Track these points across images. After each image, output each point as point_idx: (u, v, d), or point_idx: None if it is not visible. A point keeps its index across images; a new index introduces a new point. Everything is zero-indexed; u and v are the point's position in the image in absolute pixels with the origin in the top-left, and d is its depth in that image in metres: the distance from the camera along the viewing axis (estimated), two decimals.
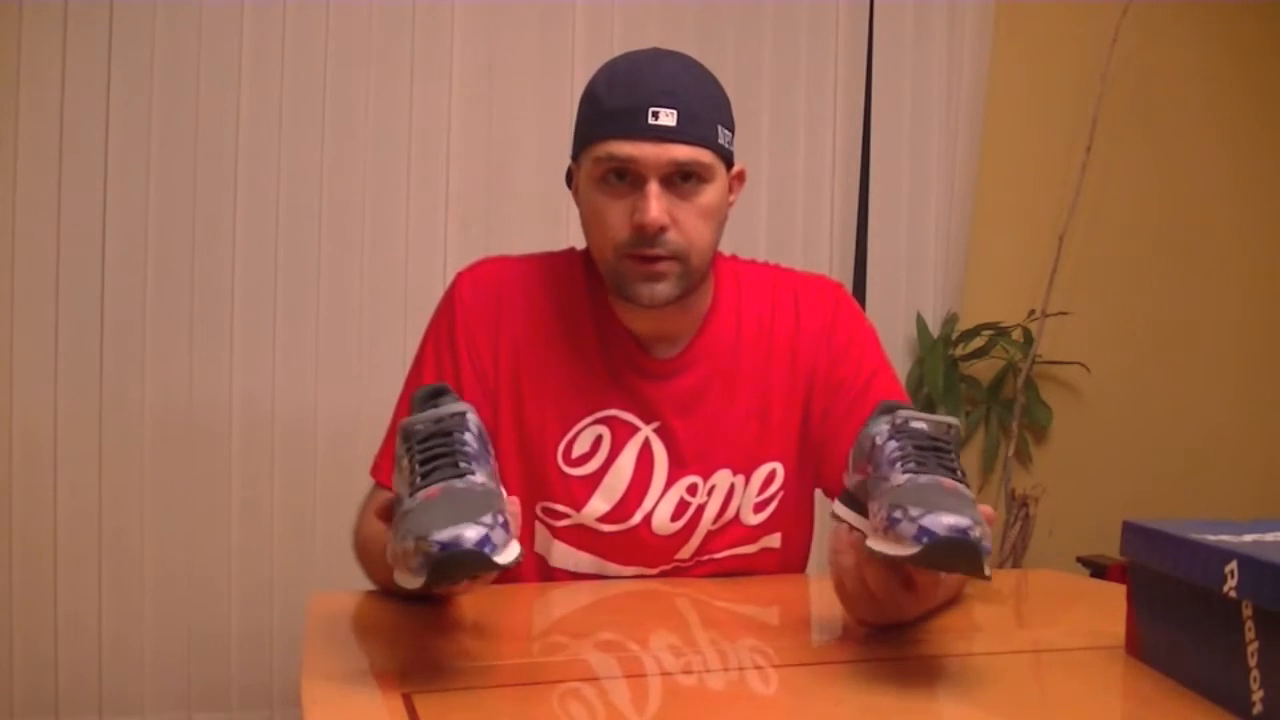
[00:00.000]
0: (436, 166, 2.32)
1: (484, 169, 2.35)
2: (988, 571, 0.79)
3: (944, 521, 0.77)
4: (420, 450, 0.85)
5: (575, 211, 1.26)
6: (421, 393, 0.96)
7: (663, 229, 1.14)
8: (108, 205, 2.18)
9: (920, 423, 0.91)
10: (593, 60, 2.22)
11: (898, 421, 0.91)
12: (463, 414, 0.87)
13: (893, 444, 0.90)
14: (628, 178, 1.14)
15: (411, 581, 0.77)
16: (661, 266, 1.16)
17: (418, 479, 0.82)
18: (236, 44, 2.22)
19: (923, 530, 0.77)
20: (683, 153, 1.14)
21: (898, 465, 0.88)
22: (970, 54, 2.58)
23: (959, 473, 0.88)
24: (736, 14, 2.46)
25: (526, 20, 2.36)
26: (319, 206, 2.27)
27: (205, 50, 2.21)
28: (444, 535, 0.74)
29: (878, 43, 2.55)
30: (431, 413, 0.87)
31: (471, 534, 0.75)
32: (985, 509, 0.87)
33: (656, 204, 1.13)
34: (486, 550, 0.75)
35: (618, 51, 1.25)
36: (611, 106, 1.14)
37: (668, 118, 1.13)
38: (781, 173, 2.49)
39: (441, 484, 0.81)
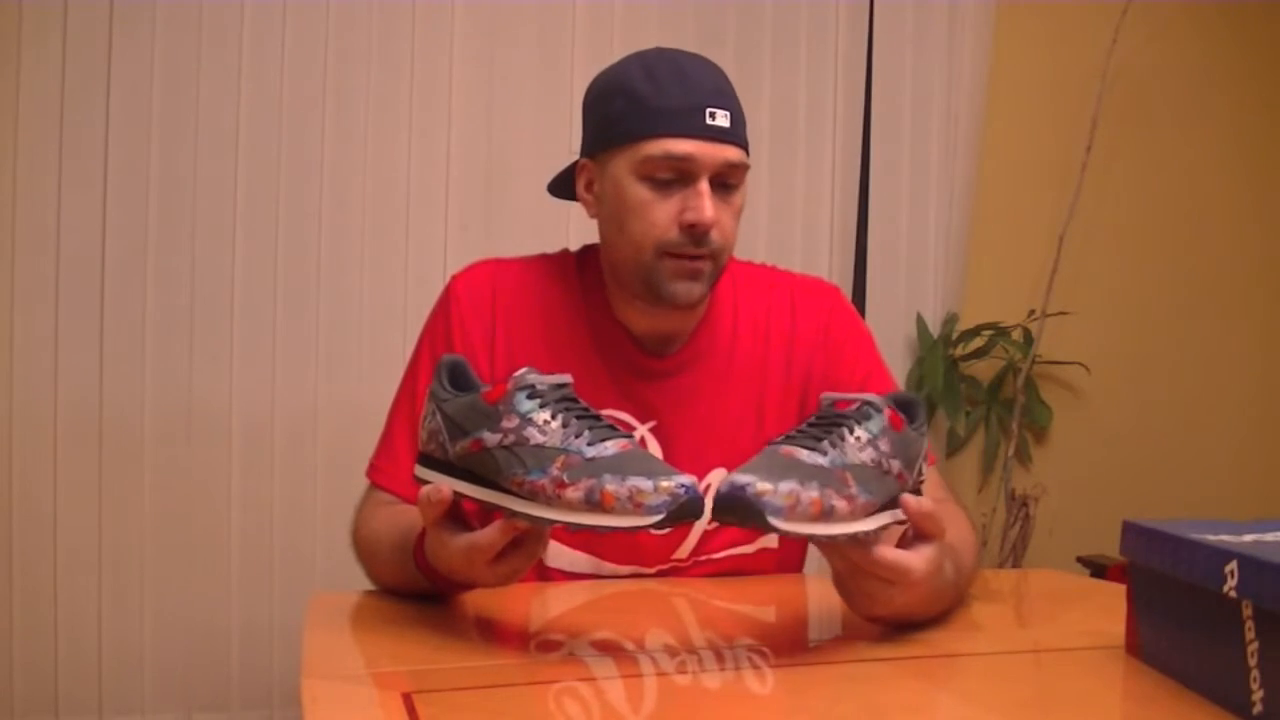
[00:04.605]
0: (436, 166, 2.32)
1: (484, 169, 2.35)
2: (774, 523, 0.80)
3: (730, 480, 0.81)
4: (568, 407, 0.87)
5: (576, 210, 1.25)
6: (448, 360, 0.96)
7: (710, 228, 1.15)
8: (108, 205, 2.18)
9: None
10: (593, 60, 2.23)
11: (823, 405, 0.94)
12: (570, 384, 0.91)
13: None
14: (676, 176, 1.14)
15: (635, 520, 0.81)
16: (701, 265, 1.17)
17: (587, 431, 0.86)
18: (236, 44, 2.21)
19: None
20: (734, 154, 1.15)
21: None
22: (970, 54, 2.58)
23: (836, 439, 0.87)
24: (736, 14, 2.46)
25: (526, 20, 2.36)
26: (319, 206, 2.26)
27: (205, 50, 2.20)
28: (685, 479, 0.82)
29: (878, 43, 2.55)
30: (549, 378, 0.89)
31: (701, 487, 0.83)
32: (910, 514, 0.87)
33: (711, 204, 1.13)
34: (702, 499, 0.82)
35: (618, 51, 1.25)
36: (664, 104, 1.14)
37: (723, 119, 1.14)
38: (781, 173, 2.49)
39: (623, 440, 0.86)
